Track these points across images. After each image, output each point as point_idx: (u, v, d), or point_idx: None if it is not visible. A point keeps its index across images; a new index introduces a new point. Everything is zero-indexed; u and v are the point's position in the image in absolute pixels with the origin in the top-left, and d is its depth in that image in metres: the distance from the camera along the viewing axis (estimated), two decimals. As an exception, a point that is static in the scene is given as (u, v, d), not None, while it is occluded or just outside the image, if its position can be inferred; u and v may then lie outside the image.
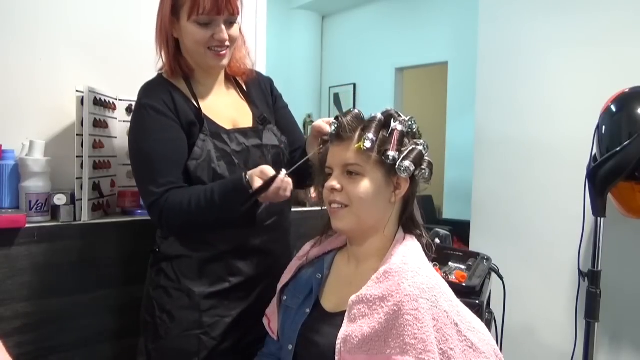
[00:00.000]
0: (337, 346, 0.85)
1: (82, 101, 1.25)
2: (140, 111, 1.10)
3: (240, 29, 1.16)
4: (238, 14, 1.10)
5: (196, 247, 1.12)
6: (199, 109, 1.13)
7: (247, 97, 1.24)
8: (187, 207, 1.03)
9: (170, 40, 1.12)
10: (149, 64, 1.27)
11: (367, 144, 0.88)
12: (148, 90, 1.13)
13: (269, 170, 0.99)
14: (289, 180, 0.99)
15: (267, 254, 1.16)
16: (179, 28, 1.11)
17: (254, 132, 1.17)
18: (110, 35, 1.47)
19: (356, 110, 0.95)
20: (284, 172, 0.97)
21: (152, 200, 1.06)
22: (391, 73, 4.89)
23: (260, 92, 1.27)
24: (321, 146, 1.02)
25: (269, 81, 1.32)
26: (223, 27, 1.08)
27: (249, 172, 1.01)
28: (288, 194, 0.99)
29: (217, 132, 1.12)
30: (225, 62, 1.14)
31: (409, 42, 4.72)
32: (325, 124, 1.03)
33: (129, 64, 1.49)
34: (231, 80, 1.25)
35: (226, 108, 1.19)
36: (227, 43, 1.10)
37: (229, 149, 1.11)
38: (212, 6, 1.04)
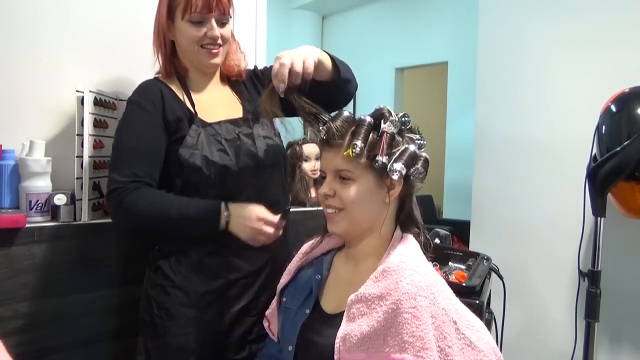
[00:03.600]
0: (336, 345, 0.85)
1: (82, 101, 1.25)
2: (127, 107, 1.16)
3: (233, 34, 1.23)
4: (228, 13, 1.16)
5: (193, 244, 1.13)
6: (191, 105, 1.17)
7: (241, 95, 1.28)
8: (153, 210, 1.06)
9: (166, 42, 1.19)
10: (149, 63, 1.27)
11: (356, 150, 0.88)
12: (139, 88, 1.18)
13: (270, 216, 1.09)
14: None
15: (264, 250, 1.16)
16: (174, 29, 1.17)
17: (244, 121, 1.20)
18: (110, 35, 1.47)
19: (346, 113, 0.95)
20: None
21: (112, 187, 1.07)
22: (391, 73, 4.88)
23: (252, 87, 1.31)
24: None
25: (252, 70, 1.35)
26: (215, 24, 1.14)
27: (232, 209, 1.09)
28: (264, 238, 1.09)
29: (208, 124, 1.16)
30: (217, 60, 1.18)
31: (409, 42, 4.71)
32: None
33: (129, 64, 1.49)
34: (226, 80, 1.29)
35: (219, 105, 1.22)
36: (219, 41, 1.16)
37: (220, 137, 1.14)
38: (204, 5, 1.11)
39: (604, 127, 1.55)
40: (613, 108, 1.55)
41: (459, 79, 4.23)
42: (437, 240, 1.87)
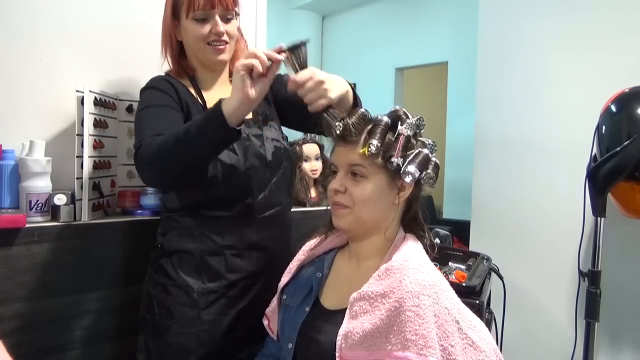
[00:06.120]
0: (338, 343, 0.85)
1: (82, 101, 1.25)
2: (142, 93, 1.17)
3: (241, 32, 1.22)
4: (232, 10, 1.16)
5: (195, 243, 1.13)
6: (203, 101, 1.18)
7: None
8: (165, 143, 0.99)
9: (173, 43, 1.19)
10: (149, 64, 1.27)
11: (372, 150, 0.88)
12: (152, 80, 1.19)
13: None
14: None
15: (266, 251, 1.17)
16: (180, 29, 1.17)
17: (254, 122, 1.20)
18: (110, 35, 1.47)
19: (362, 110, 0.94)
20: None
21: (135, 149, 1.04)
22: (391, 73, 4.89)
23: None
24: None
25: None
26: (219, 21, 1.14)
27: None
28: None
29: None
30: (224, 57, 1.18)
31: (409, 42, 4.71)
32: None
33: (129, 64, 1.49)
34: None
35: None
36: (225, 37, 1.15)
37: None
38: (206, 1, 1.11)
39: (604, 127, 1.55)
40: (613, 108, 1.55)
41: (459, 79, 4.23)
42: (437, 240, 1.87)
